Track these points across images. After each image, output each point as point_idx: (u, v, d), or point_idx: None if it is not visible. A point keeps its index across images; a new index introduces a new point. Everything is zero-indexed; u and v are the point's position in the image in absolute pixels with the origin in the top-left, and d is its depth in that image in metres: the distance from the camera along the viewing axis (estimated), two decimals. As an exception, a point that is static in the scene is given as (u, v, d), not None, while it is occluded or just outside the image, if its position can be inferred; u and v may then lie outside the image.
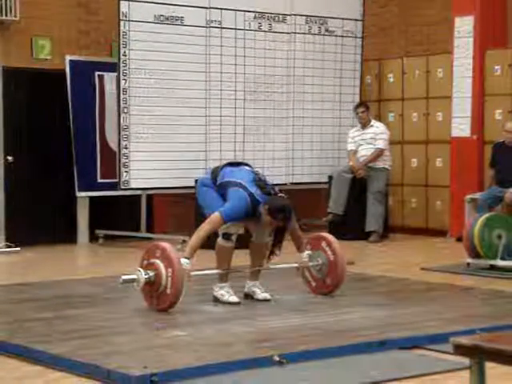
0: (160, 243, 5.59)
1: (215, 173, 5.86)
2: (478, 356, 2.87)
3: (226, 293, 5.79)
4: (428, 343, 4.74)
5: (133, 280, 5.50)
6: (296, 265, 6.08)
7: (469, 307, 5.78)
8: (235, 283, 5.93)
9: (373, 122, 9.97)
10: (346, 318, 5.34)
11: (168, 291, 5.41)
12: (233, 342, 4.69)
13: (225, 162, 6.13)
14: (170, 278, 5.39)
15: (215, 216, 5.58)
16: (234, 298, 5.77)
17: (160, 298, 5.47)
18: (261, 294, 5.89)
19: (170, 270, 5.39)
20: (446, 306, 5.78)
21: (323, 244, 6.08)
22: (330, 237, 6.17)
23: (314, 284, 6.15)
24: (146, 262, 5.54)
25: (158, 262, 5.44)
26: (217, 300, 5.80)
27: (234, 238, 5.72)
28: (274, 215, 5.59)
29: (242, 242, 5.88)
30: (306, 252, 6.05)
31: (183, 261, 5.47)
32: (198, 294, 6.09)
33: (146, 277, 5.43)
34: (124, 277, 5.55)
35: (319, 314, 5.48)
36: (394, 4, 10.91)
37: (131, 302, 6.00)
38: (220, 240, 5.72)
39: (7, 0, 8.92)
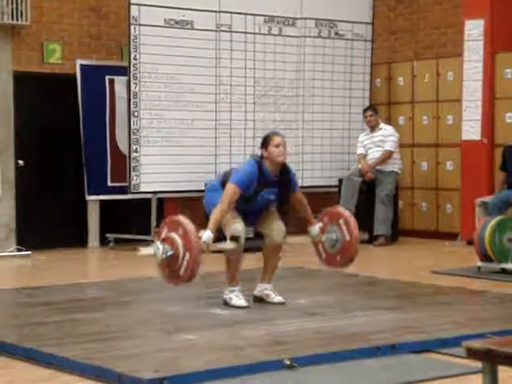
0: (184, 222, 5.45)
1: (226, 177, 5.86)
2: (491, 360, 2.87)
3: (234, 296, 5.78)
4: (439, 347, 4.73)
5: (151, 255, 5.49)
6: (309, 239, 6.03)
7: (480, 311, 5.76)
8: (246, 286, 5.93)
9: (381, 125, 9.96)
10: (356, 322, 5.33)
11: (181, 273, 5.40)
12: (243, 345, 4.68)
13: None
14: (185, 262, 5.36)
15: (229, 187, 5.58)
16: (243, 302, 5.76)
17: (172, 275, 5.47)
18: (276, 298, 5.88)
19: (187, 254, 5.36)
20: (457, 309, 5.76)
21: (341, 221, 5.99)
22: (350, 216, 6.05)
23: (324, 255, 6.11)
24: (166, 232, 5.47)
25: (178, 240, 5.39)
26: (226, 303, 5.80)
27: (241, 240, 5.68)
28: (269, 141, 5.67)
29: (251, 246, 5.88)
30: (318, 225, 6.01)
31: (206, 234, 5.43)
32: (208, 298, 6.09)
33: (164, 256, 5.41)
34: (142, 252, 5.54)
35: (329, 317, 5.47)
36: (403, 7, 10.91)
37: (142, 305, 6.01)
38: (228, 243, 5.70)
39: (18, 5, 8.95)
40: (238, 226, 5.64)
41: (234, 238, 5.66)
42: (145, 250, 5.54)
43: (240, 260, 5.78)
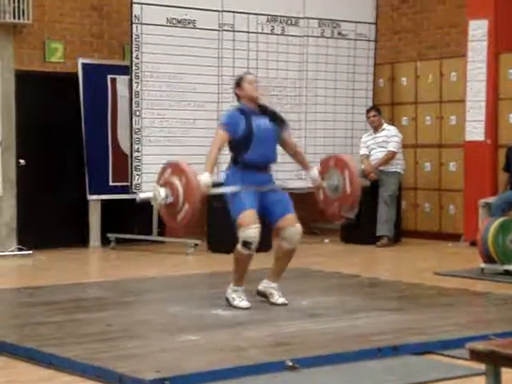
0: (188, 171, 5.44)
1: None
2: (494, 362, 2.84)
3: (237, 297, 5.75)
4: (441, 349, 4.71)
5: (150, 199, 5.49)
6: (311, 185, 6.02)
7: (483, 312, 5.74)
8: (249, 286, 5.89)
9: (385, 125, 9.94)
10: (358, 323, 5.30)
11: (178, 218, 5.43)
12: (245, 346, 4.66)
13: None
14: (183, 212, 5.37)
15: (216, 132, 5.73)
16: (244, 304, 5.72)
17: (170, 217, 5.49)
18: (279, 299, 5.84)
19: (186, 205, 5.36)
20: (460, 311, 5.73)
21: (346, 173, 5.94)
22: (355, 170, 6.02)
23: (321, 197, 6.05)
24: (169, 176, 5.45)
25: (180, 189, 5.39)
26: (228, 302, 5.77)
27: (253, 247, 5.64)
28: (242, 78, 5.83)
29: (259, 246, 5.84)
30: (315, 168, 5.99)
31: (204, 176, 5.47)
32: (210, 298, 6.07)
33: (163, 203, 5.42)
34: (142, 195, 5.55)
35: (331, 318, 5.44)
36: (407, 7, 10.87)
37: (144, 305, 5.99)
38: (239, 247, 5.65)
39: (20, 3, 8.93)
40: (251, 233, 5.59)
41: (247, 244, 5.62)
42: (144, 194, 5.53)
43: (249, 261, 5.73)
